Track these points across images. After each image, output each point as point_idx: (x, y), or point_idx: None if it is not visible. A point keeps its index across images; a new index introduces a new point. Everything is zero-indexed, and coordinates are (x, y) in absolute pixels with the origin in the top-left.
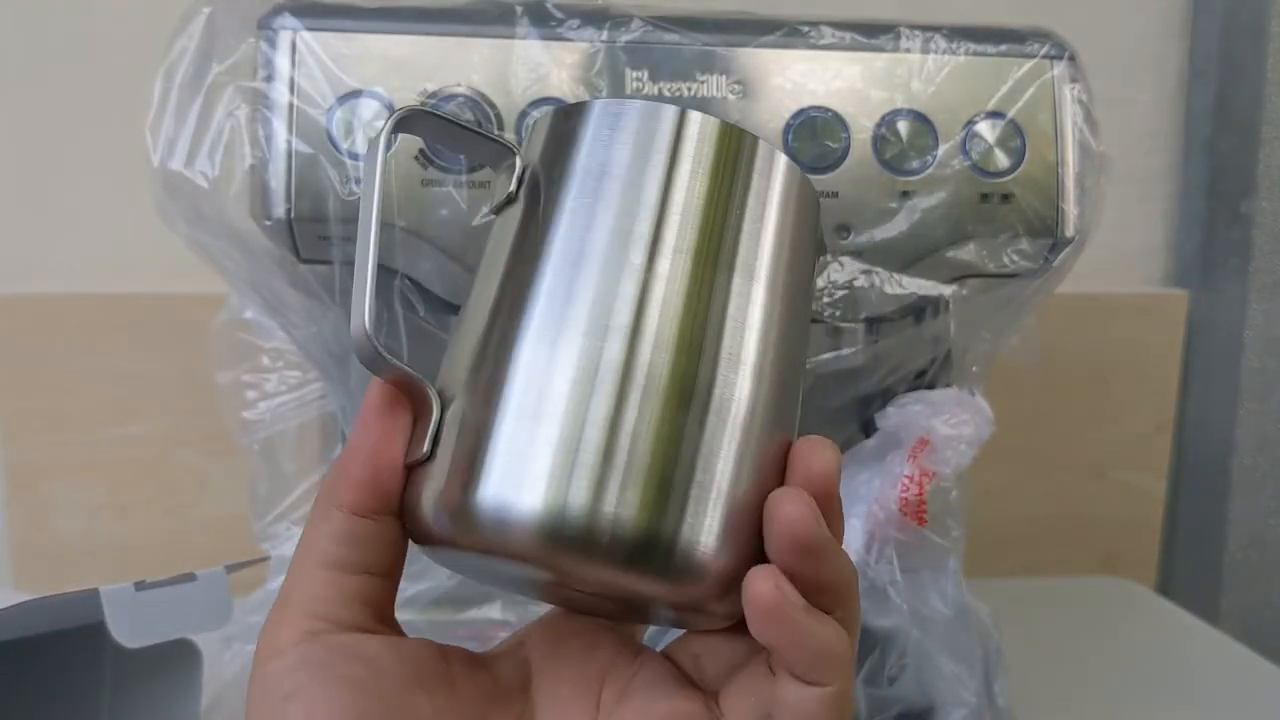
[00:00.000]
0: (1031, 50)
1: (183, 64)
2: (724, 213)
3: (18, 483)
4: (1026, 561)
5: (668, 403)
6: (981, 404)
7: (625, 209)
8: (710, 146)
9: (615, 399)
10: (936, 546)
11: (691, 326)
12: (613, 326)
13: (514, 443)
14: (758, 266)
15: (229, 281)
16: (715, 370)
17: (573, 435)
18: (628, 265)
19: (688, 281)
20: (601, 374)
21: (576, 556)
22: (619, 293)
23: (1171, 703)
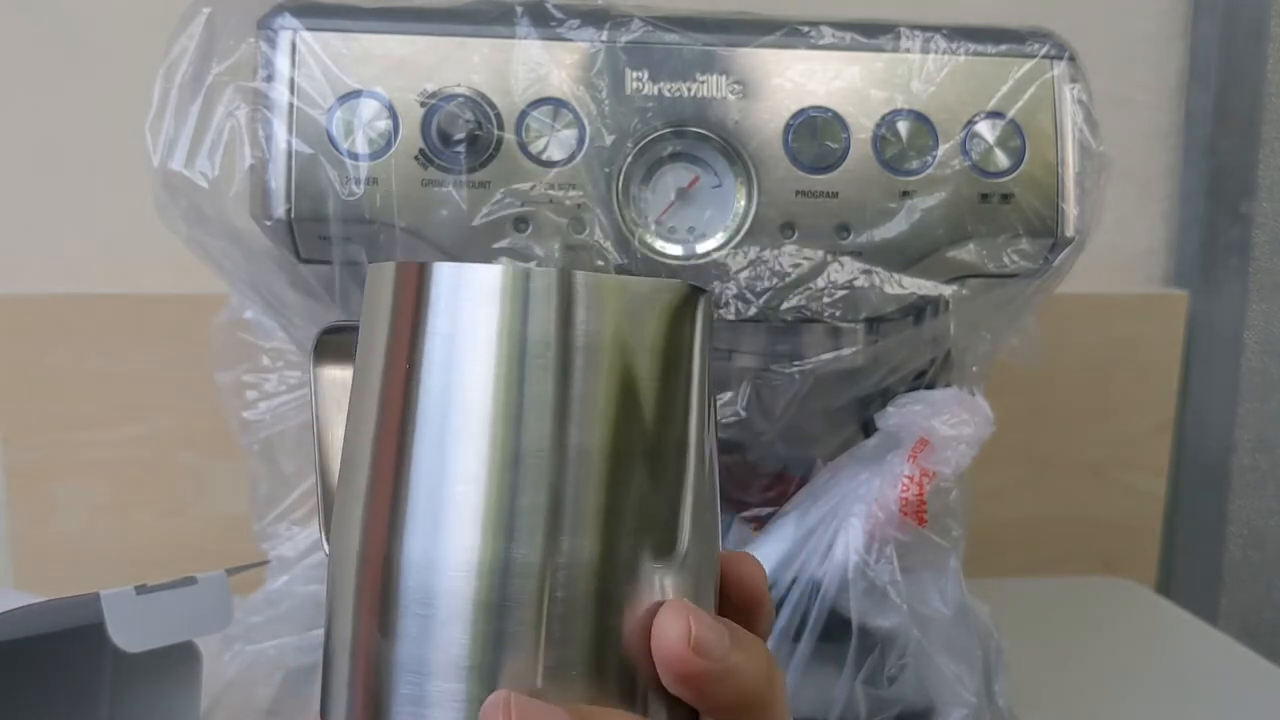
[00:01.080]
0: (1031, 50)
1: (183, 64)
2: (520, 393)
3: (18, 483)
4: (1026, 561)
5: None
6: (981, 404)
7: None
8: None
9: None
10: (936, 546)
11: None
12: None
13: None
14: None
15: (229, 281)
16: (558, 568)
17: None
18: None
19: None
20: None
21: None
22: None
23: (1171, 703)
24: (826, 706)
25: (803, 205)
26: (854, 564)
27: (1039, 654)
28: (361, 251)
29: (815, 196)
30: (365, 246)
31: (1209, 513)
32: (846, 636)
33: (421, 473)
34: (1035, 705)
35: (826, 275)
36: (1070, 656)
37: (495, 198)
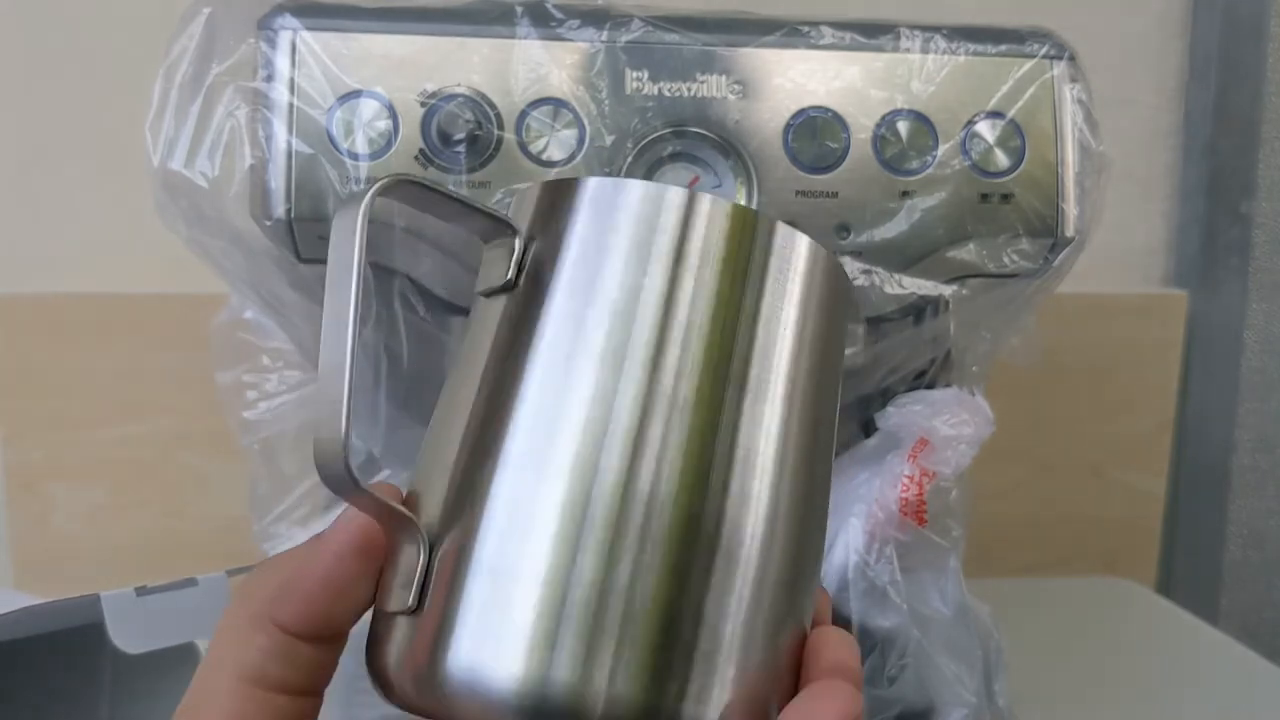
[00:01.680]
0: (1031, 50)
1: (183, 64)
2: (737, 319)
3: (18, 483)
4: (1026, 561)
5: (668, 558)
6: (981, 404)
7: (621, 317)
8: (720, 236)
9: (606, 554)
10: (936, 546)
11: (697, 465)
12: (603, 466)
13: (490, 602)
14: (774, 384)
15: (229, 281)
16: (723, 516)
17: (557, 596)
18: (622, 388)
19: (694, 410)
20: (591, 523)
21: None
22: (611, 424)
23: (1171, 703)
24: None
25: (803, 205)
26: (854, 564)
27: (1039, 654)
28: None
29: (815, 196)
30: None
31: (1209, 513)
32: None
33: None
34: (1035, 705)
35: None
36: (1070, 656)
37: (495, 198)
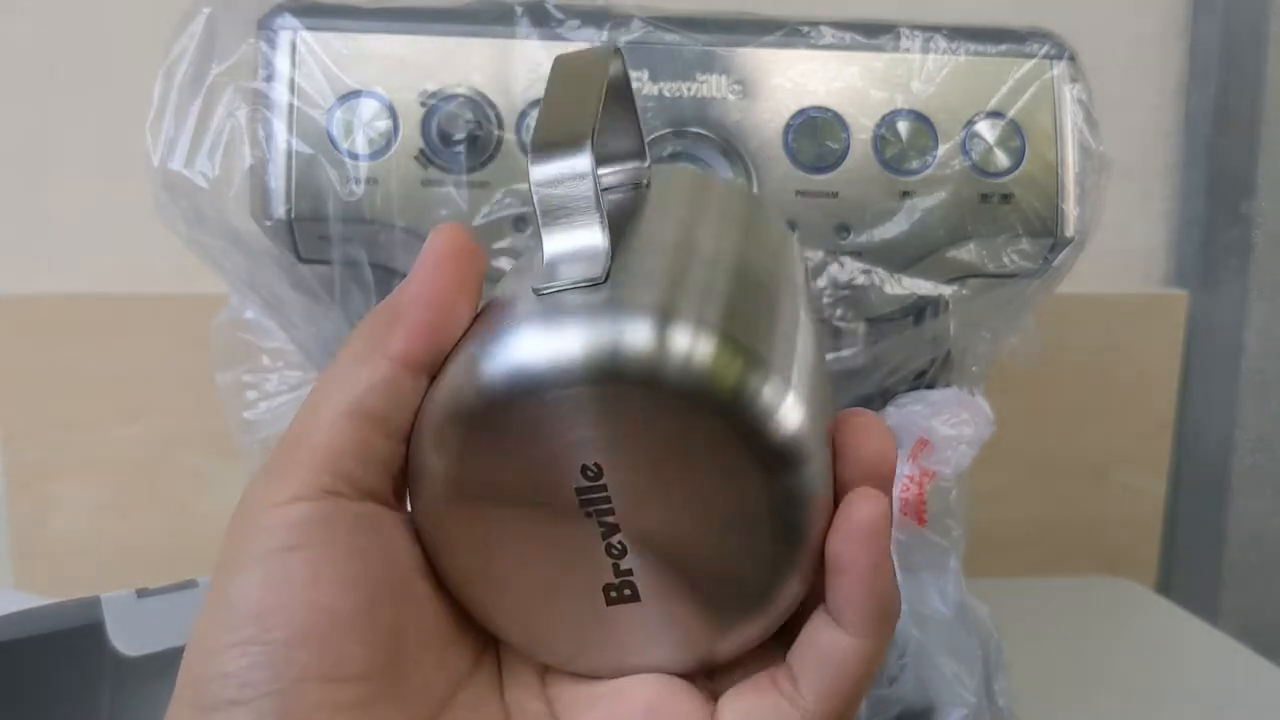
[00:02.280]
0: (1031, 50)
1: (183, 64)
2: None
3: (18, 483)
4: (1026, 561)
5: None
6: (981, 404)
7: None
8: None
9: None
10: (936, 546)
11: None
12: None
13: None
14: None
15: (229, 281)
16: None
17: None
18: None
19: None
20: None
21: (641, 373)
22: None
23: (1171, 703)
24: None
25: (803, 205)
26: None
27: (1039, 654)
28: (362, 251)
29: (815, 196)
30: (365, 246)
31: (1209, 513)
32: None
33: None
34: (1035, 705)
35: (827, 275)
36: (1070, 656)
37: (495, 198)
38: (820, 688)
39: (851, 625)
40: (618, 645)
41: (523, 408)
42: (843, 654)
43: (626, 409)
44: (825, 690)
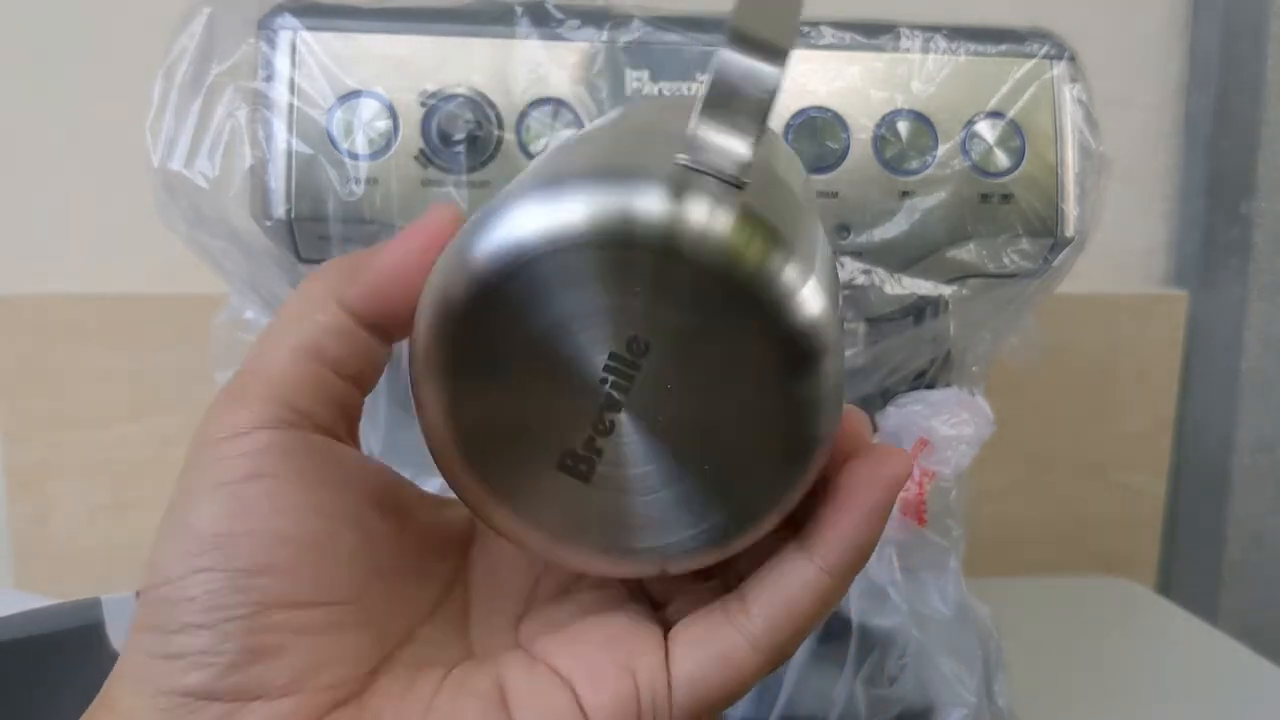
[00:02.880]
0: (1031, 50)
1: (183, 64)
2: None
3: (18, 483)
4: (1026, 561)
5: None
6: (981, 404)
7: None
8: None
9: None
10: (936, 546)
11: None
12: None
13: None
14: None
15: (229, 281)
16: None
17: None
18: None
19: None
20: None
21: (660, 239)
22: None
23: (1171, 703)
24: (826, 706)
25: None
26: None
27: (1039, 654)
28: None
29: (815, 196)
30: (365, 246)
31: (1209, 513)
32: (846, 636)
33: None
34: (1035, 705)
35: None
36: (1070, 656)
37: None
38: (772, 614)
39: (827, 561)
40: (558, 520)
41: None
42: (805, 584)
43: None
44: (776, 617)
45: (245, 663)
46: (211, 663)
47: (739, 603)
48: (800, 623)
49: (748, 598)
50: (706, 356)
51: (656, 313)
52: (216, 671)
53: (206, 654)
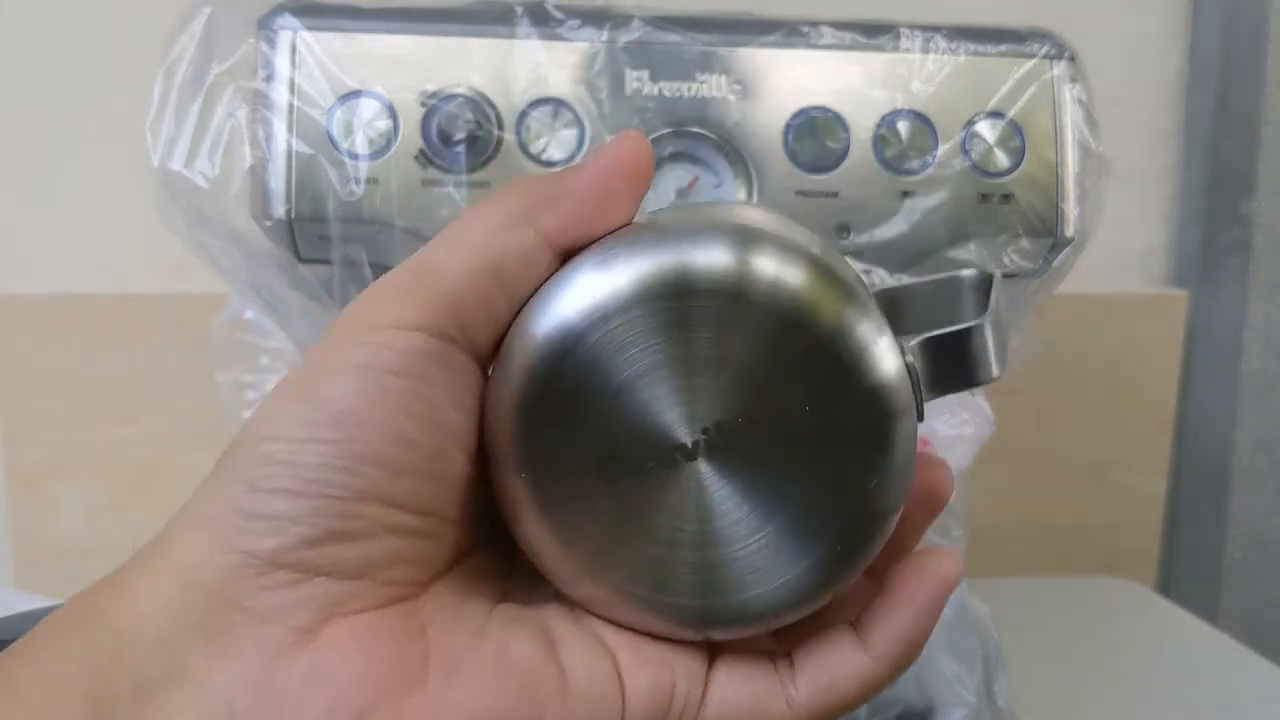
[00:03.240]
0: (1031, 50)
1: (183, 64)
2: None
3: (18, 483)
4: (1026, 561)
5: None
6: (981, 404)
7: None
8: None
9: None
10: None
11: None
12: None
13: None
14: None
15: (229, 281)
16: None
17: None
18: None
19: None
20: None
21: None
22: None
23: (1171, 703)
24: None
25: (803, 205)
26: None
27: (1039, 654)
28: (362, 251)
29: (815, 196)
30: (365, 246)
31: (1209, 513)
32: None
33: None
34: (1035, 705)
35: None
36: (1070, 656)
37: None
38: (817, 688)
39: (878, 651)
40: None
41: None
42: (854, 670)
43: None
44: (820, 692)
45: (324, 541)
46: (294, 532)
47: (788, 668)
48: (840, 702)
49: (796, 666)
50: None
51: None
52: (293, 541)
53: (293, 523)
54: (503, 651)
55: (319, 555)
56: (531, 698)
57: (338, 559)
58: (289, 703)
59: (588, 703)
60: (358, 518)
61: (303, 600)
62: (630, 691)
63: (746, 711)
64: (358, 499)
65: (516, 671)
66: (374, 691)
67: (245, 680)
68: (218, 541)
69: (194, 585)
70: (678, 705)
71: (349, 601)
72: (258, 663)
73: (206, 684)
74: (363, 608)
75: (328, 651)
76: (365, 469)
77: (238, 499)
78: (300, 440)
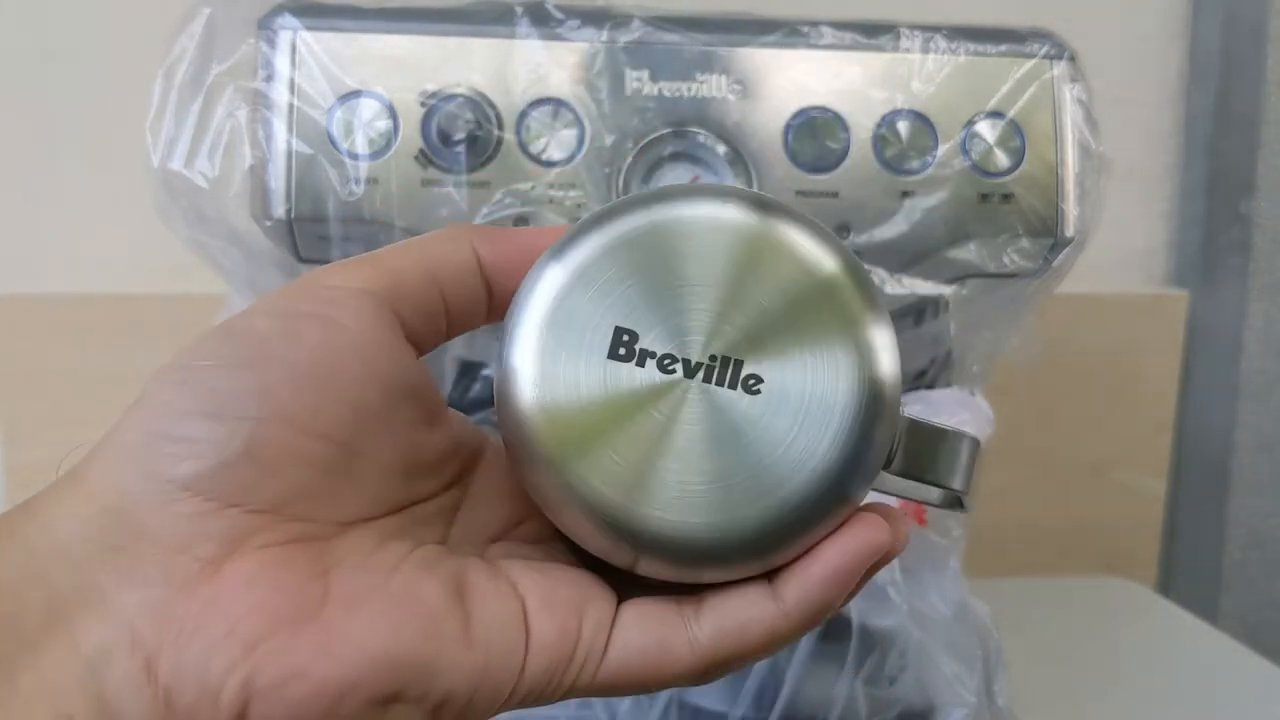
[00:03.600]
0: (1031, 50)
1: (183, 64)
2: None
3: (18, 483)
4: (1026, 561)
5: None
6: (981, 404)
7: None
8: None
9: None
10: (936, 546)
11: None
12: None
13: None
14: None
15: (229, 281)
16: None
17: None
18: None
19: None
20: None
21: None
22: None
23: (1171, 703)
24: (826, 706)
25: (803, 205)
26: None
27: (1039, 654)
28: (361, 251)
29: (815, 196)
30: (365, 246)
31: (1209, 513)
32: (846, 636)
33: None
34: (1035, 705)
35: None
36: (1070, 656)
37: (495, 198)
38: (720, 631)
39: (788, 604)
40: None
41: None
42: (761, 617)
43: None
44: (723, 633)
45: (238, 465)
46: (208, 455)
47: (693, 608)
48: (743, 648)
49: (703, 606)
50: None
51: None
52: (208, 466)
53: (207, 443)
54: (408, 591)
55: (232, 485)
56: (430, 638)
57: (249, 487)
58: (186, 629)
59: (488, 649)
60: (272, 443)
61: (211, 532)
62: (534, 638)
63: (650, 653)
64: (271, 420)
65: (418, 611)
66: (268, 623)
67: (149, 606)
68: (136, 466)
69: (111, 509)
70: (581, 651)
71: (256, 536)
72: (162, 591)
73: (114, 605)
74: (269, 543)
75: (228, 583)
76: (278, 391)
77: (156, 423)
78: (215, 365)
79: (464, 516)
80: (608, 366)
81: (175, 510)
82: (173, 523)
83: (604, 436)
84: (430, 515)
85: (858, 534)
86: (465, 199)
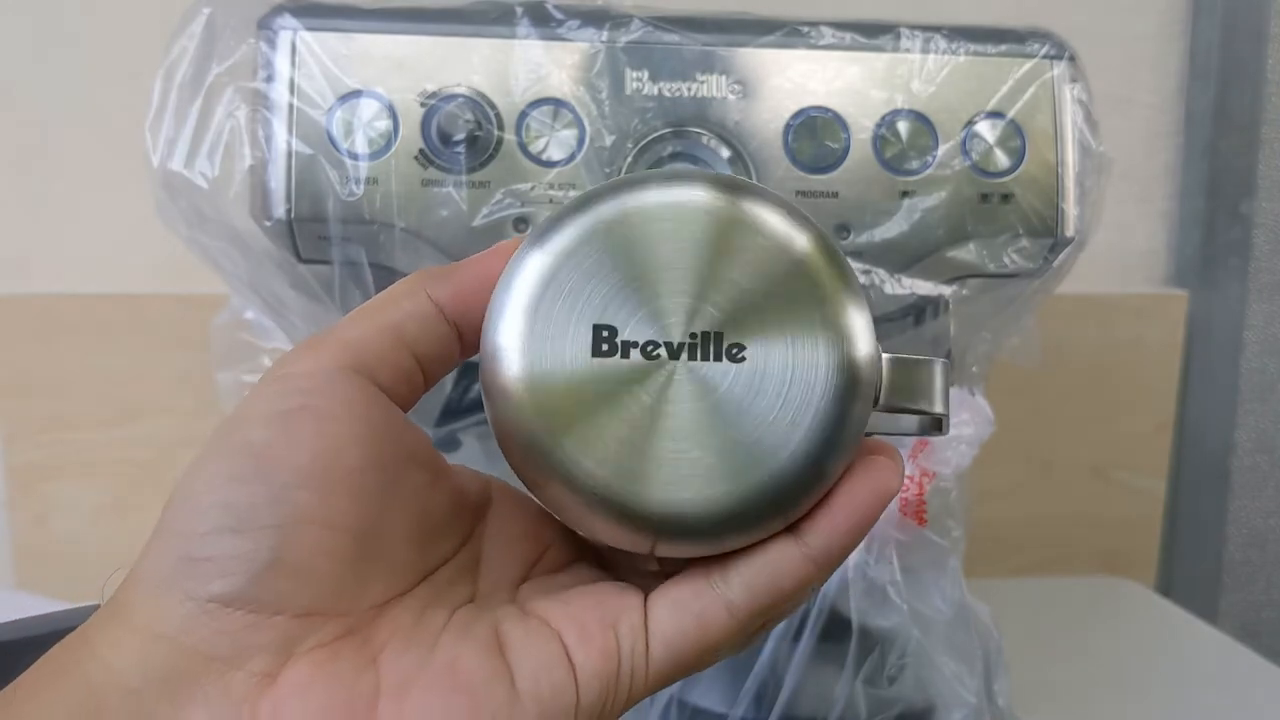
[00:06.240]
0: (1031, 50)
1: (183, 64)
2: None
3: (18, 483)
4: (1026, 561)
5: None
6: (981, 404)
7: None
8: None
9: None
10: (936, 546)
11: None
12: None
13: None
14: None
15: (229, 282)
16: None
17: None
18: None
19: None
20: None
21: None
22: None
23: (1171, 703)
24: (826, 706)
25: (803, 205)
26: (854, 564)
27: (1039, 654)
28: (361, 252)
29: (815, 196)
30: (365, 246)
31: (1209, 513)
32: (846, 636)
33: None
34: (1035, 705)
35: None
36: (1070, 656)
37: (495, 198)
38: (752, 583)
39: (813, 548)
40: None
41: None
42: (790, 562)
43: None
44: (756, 586)
45: (272, 573)
46: (239, 570)
47: (721, 571)
48: (777, 598)
49: (730, 567)
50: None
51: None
52: (242, 580)
53: (236, 559)
54: (451, 667)
55: (270, 592)
56: (480, 710)
57: (286, 594)
58: None
59: (538, 698)
60: (298, 546)
61: (263, 644)
62: (580, 670)
63: (690, 632)
64: (294, 525)
65: (464, 685)
66: None
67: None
68: (172, 592)
69: (158, 637)
70: (626, 663)
71: (305, 639)
72: (222, 708)
73: None
74: (318, 644)
75: (285, 694)
76: (294, 495)
77: (181, 548)
78: (222, 483)
79: (486, 568)
80: (592, 365)
81: (222, 627)
82: (222, 640)
83: (601, 428)
84: (455, 575)
85: (873, 479)
86: (465, 199)
